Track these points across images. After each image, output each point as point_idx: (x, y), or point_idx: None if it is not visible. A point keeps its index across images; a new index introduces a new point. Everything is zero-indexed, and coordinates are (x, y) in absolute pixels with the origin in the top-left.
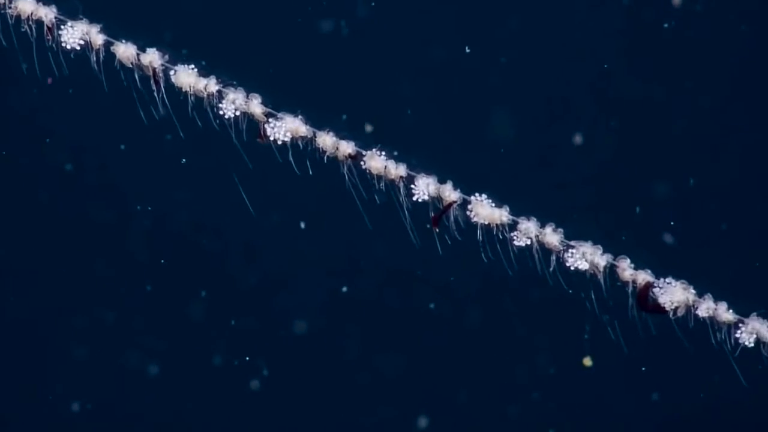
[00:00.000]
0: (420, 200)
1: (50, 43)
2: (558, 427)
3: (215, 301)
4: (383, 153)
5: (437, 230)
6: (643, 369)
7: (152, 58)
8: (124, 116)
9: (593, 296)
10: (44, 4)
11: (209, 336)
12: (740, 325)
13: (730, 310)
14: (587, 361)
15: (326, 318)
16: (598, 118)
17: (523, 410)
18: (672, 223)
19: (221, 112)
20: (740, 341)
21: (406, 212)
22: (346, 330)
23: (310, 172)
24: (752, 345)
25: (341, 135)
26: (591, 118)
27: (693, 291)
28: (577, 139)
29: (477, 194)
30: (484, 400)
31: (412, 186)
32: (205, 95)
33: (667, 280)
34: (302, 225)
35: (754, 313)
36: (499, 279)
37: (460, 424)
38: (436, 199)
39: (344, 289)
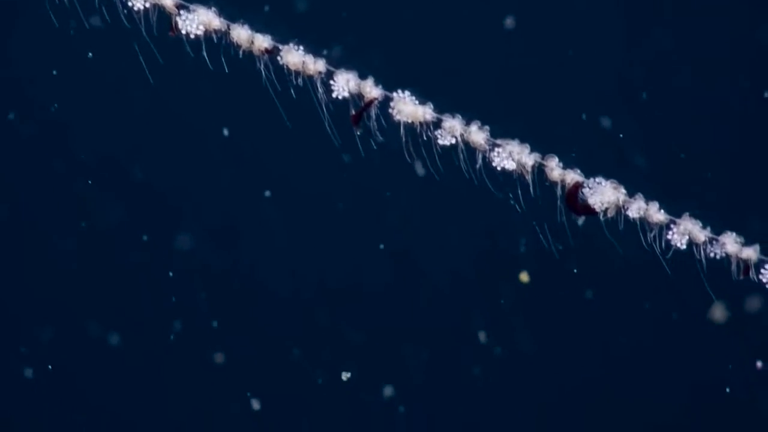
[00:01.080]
0: (340, 97)
1: None
2: (489, 332)
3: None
4: (300, 47)
5: (357, 129)
6: (575, 271)
7: None
8: None
9: (521, 197)
10: None
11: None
12: (672, 225)
13: (662, 211)
14: (524, 277)
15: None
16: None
17: (444, 313)
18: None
19: (130, 3)
20: (672, 243)
21: (325, 110)
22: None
23: (225, 69)
24: (684, 247)
25: (257, 29)
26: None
27: (623, 191)
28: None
29: (399, 90)
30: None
31: (332, 82)
32: None
33: (597, 179)
34: (225, 132)
35: (687, 213)
36: (424, 179)
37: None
38: (357, 96)
39: (267, 193)
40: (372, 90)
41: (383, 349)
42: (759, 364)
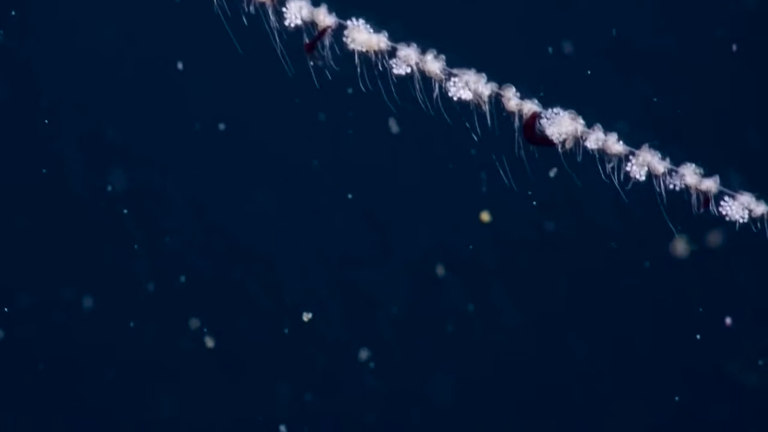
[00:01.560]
0: (292, 25)
1: None
2: (447, 265)
3: None
4: None
5: (312, 59)
6: (534, 203)
7: None
8: None
9: (478, 128)
10: None
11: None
12: (631, 157)
13: (621, 142)
14: (485, 216)
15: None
16: None
17: (405, 250)
18: None
19: None
20: (631, 174)
21: (277, 38)
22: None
23: None
24: (643, 178)
25: None
26: None
27: (582, 122)
28: None
29: (353, 18)
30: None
31: (284, 10)
32: None
33: (555, 110)
34: (180, 66)
35: (646, 144)
36: (378, 107)
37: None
38: (310, 25)
39: (222, 126)
40: (326, 18)
41: (349, 293)
42: (728, 321)
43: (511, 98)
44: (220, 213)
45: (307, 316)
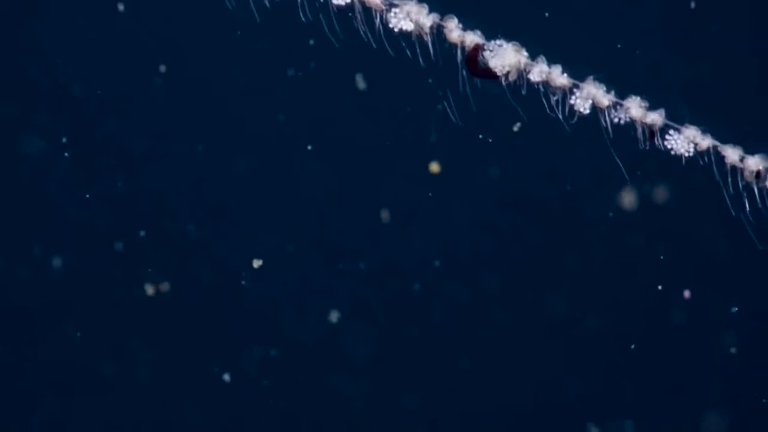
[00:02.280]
0: None
1: None
2: (392, 212)
3: None
4: None
5: None
6: (487, 139)
7: None
8: None
9: (421, 61)
10: None
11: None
12: (575, 89)
13: (565, 74)
14: (434, 167)
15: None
16: None
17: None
18: None
19: None
20: (575, 108)
21: None
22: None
23: None
24: (588, 112)
25: None
26: None
27: (525, 54)
28: None
29: None
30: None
31: None
32: None
33: (498, 42)
34: (120, 7)
35: (590, 77)
36: (316, 42)
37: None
38: None
39: (162, 68)
40: None
41: (300, 237)
42: (687, 293)
43: (454, 30)
44: (178, 167)
45: (257, 263)
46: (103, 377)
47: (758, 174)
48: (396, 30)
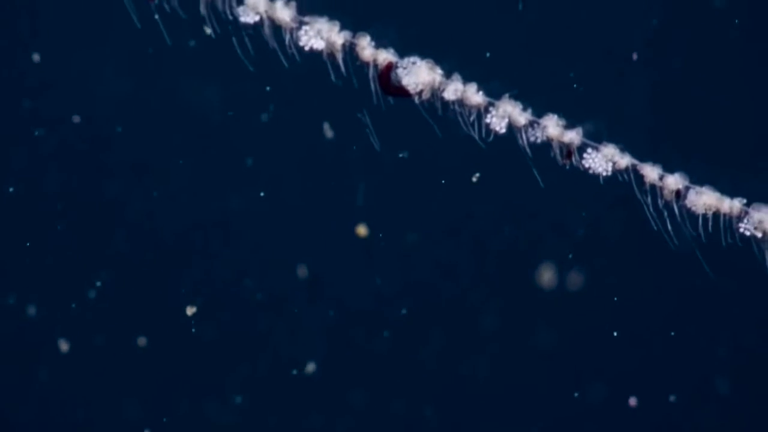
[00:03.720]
0: None
1: None
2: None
3: None
4: None
5: (155, 2)
6: (401, 155)
7: None
8: None
9: (334, 80)
10: None
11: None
12: (490, 108)
13: (481, 92)
14: (362, 230)
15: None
16: None
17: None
18: None
19: None
20: (491, 126)
21: None
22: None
23: None
24: (504, 131)
25: None
26: None
27: (440, 71)
28: None
29: None
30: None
31: None
32: None
33: (412, 59)
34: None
35: (506, 95)
36: (228, 56)
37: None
38: None
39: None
40: None
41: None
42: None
43: (366, 47)
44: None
45: (191, 310)
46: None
47: (678, 193)
48: (307, 48)
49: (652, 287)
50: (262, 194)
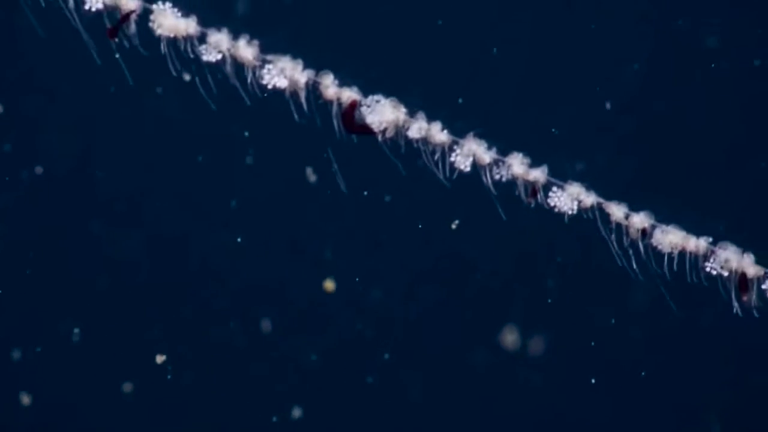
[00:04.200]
0: (93, 9)
1: None
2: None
3: None
4: None
5: (115, 40)
6: (365, 193)
7: None
8: None
9: (296, 117)
10: None
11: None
12: (455, 147)
13: (445, 131)
14: (329, 285)
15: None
16: None
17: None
18: None
19: None
20: (455, 165)
21: (78, 22)
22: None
23: None
24: (469, 169)
25: None
26: None
27: (404, 110)
28: None
29: (161, 1)
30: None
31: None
32: None
33: (376, 98)
34: None
35: (471, 133)
36: (191, 96)
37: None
38: (116, 10)
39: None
40: (129, 1)
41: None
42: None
43: (330, 86)
44: None
45: (160, 358)
46: None
47: (644, 231)
48: (270, 87)
49: (621, 327)
50: (239, 239)
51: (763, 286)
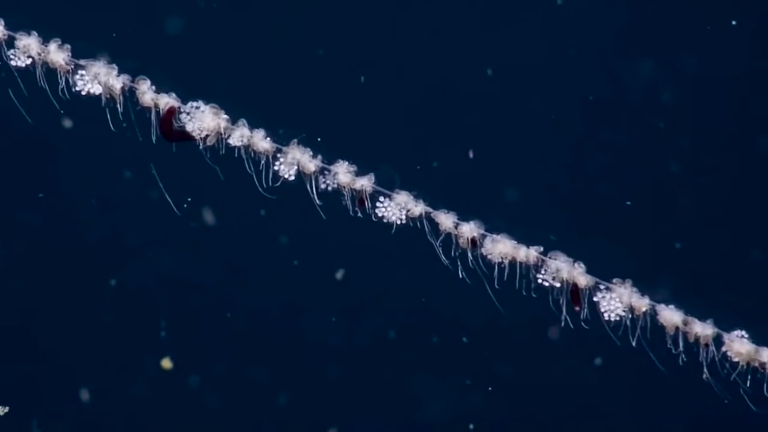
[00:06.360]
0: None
1: None
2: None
3: None
4: None
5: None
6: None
7: None
8: None
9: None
10: None
11: None
12: (279, 155)
13: (268, 139)
14: (166, 364)
15: None
16: None
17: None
18: None
19: None
20: (280, 174)
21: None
22: None
23: None
24: (293, 178)
25: None
26: None
27: (225, 116)
28: None
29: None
30: None
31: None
32: None
33: (196, 104)
34: None
35: (294, 140)
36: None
37: None
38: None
39: None
40: None
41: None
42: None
43: (147, 92)
44: None
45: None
46: None
47: (473, 241)
48: (84, 93)
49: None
50: None
51: (595, 298)
